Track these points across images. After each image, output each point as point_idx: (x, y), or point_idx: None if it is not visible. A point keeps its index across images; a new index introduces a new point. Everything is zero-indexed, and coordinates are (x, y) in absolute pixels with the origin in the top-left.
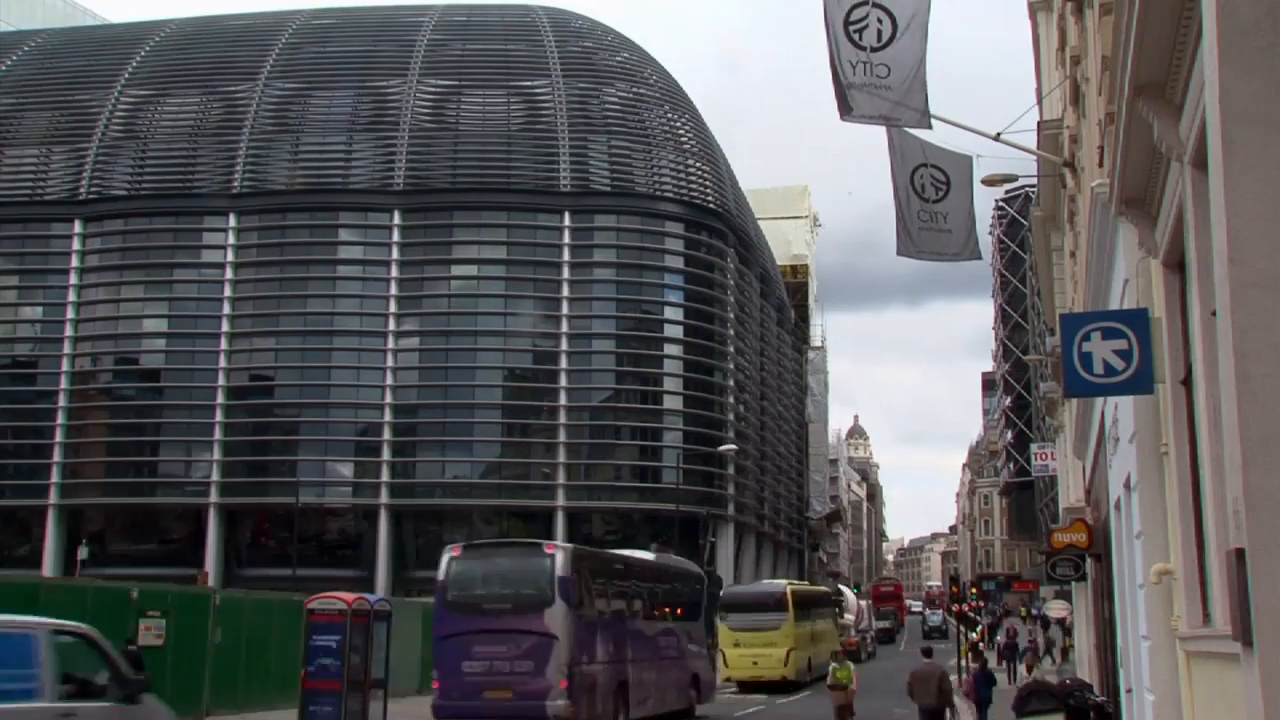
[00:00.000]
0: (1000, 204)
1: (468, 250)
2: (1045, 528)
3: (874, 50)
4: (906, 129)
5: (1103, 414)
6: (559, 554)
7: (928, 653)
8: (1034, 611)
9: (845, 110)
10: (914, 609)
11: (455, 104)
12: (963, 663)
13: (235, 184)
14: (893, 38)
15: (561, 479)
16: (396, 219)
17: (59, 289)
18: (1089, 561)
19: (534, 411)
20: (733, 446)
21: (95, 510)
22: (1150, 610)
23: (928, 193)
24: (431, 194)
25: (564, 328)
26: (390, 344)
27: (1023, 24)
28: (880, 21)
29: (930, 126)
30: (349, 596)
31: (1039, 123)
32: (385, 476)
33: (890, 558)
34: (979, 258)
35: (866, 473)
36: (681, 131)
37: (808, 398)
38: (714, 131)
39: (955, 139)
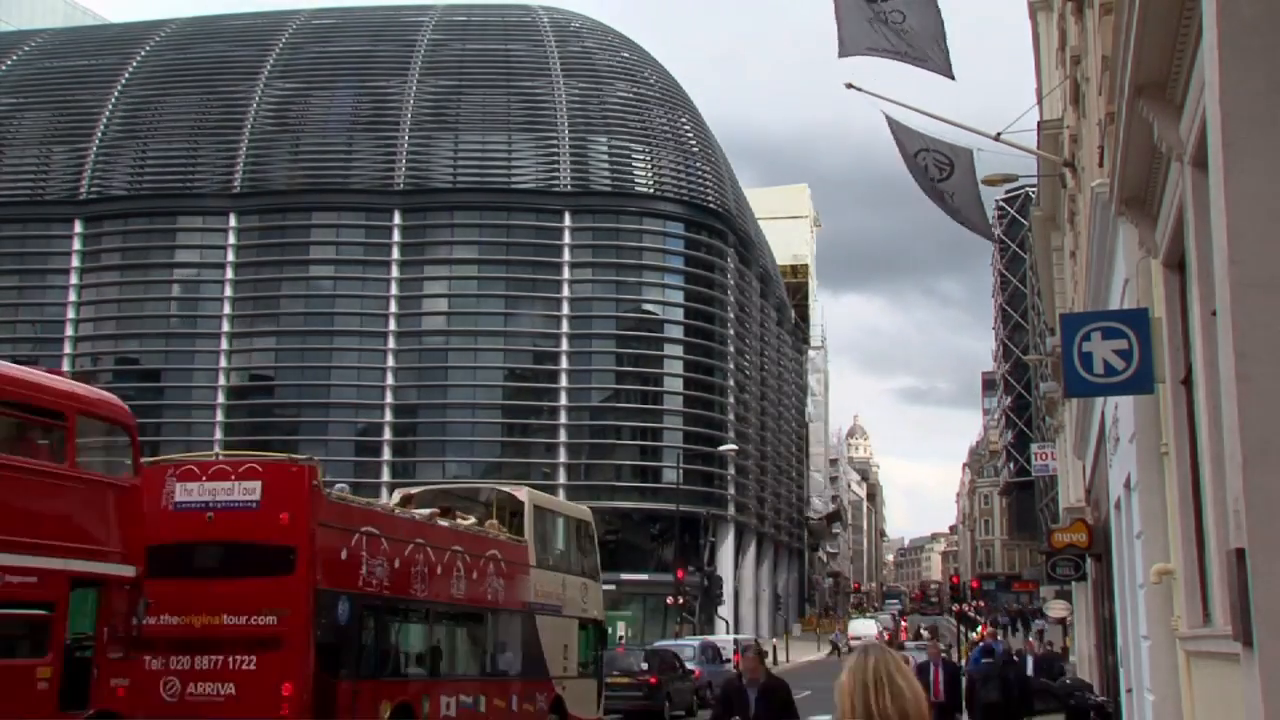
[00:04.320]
0: (1000, 204)
1: (468, 250)
2: (1045, 528)
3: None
4: (901, 123)
5: (1103, 414)
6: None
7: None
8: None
9: (848, 48)
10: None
11: (455, 104)
12: (963, 663)
13: (235, 184)
14: None
15: (561, 479)
16: (397, 219)
17: (59, 289)
18: (1089, 561)
19: (534, 411)
20: (733, 446)
21: None
22: (1150, 610)
23: (932, 173)
24: (432, 194)
25: (564, 328)
26: (390, 344)
27: (1023, 23)
28: None
29: (953, 77)
30: None
31: (1039, 123)
32: (385, 476)
33: (890, 558)
34: (992, 239)
35: (866, 473)
36: (682, 131)
37: (808, 398)
38: (714, 131)
39: (955, 139)
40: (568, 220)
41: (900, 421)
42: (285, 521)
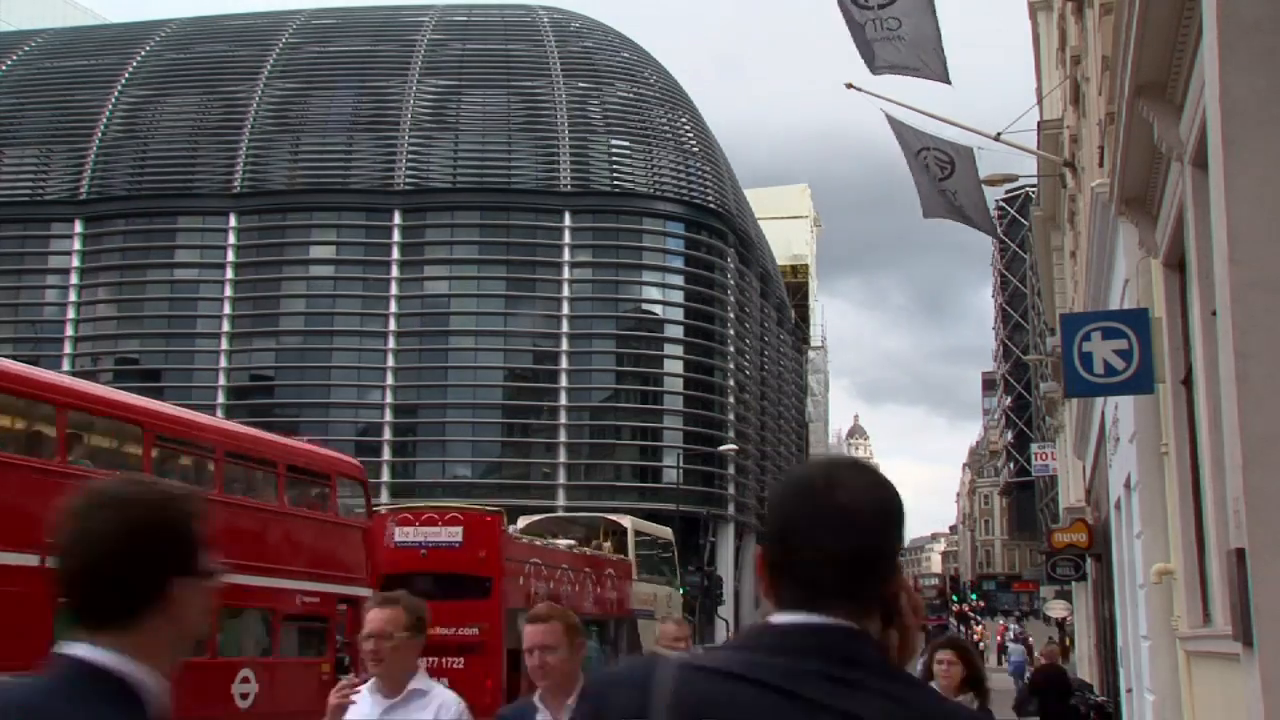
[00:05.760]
0: (1000, 204)
1: (468, 250)
2: (1045, 528)
3: (881, 7)
4: (902, 123)
5: (1103, 414)
6: None
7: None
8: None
9: (871, 62)
10: None
11: (455, 104)
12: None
13: (235, 184)
14: None
15: (561, 479)
16: (397, 219)
17: (59, 289)
18: (1089, 561)
19: (534, 411)
20: (733, 446)
21: None
22: (1150, 610)
23: (933, 171)
24: (432, 194)
25: (564, 327)
26: (390, 344)
27: (1023, 23)
28: None
29: (950, 82)
30: None
31: (1039, 123)
32: (385, 476)
33: None
34: (996, 235)
35: None
36: (682, 131)
37: (808, 398)
38: (714, 131)
39: (955, 139)
40: (567, 220)
41: (868, 421)
42: (483, 557)
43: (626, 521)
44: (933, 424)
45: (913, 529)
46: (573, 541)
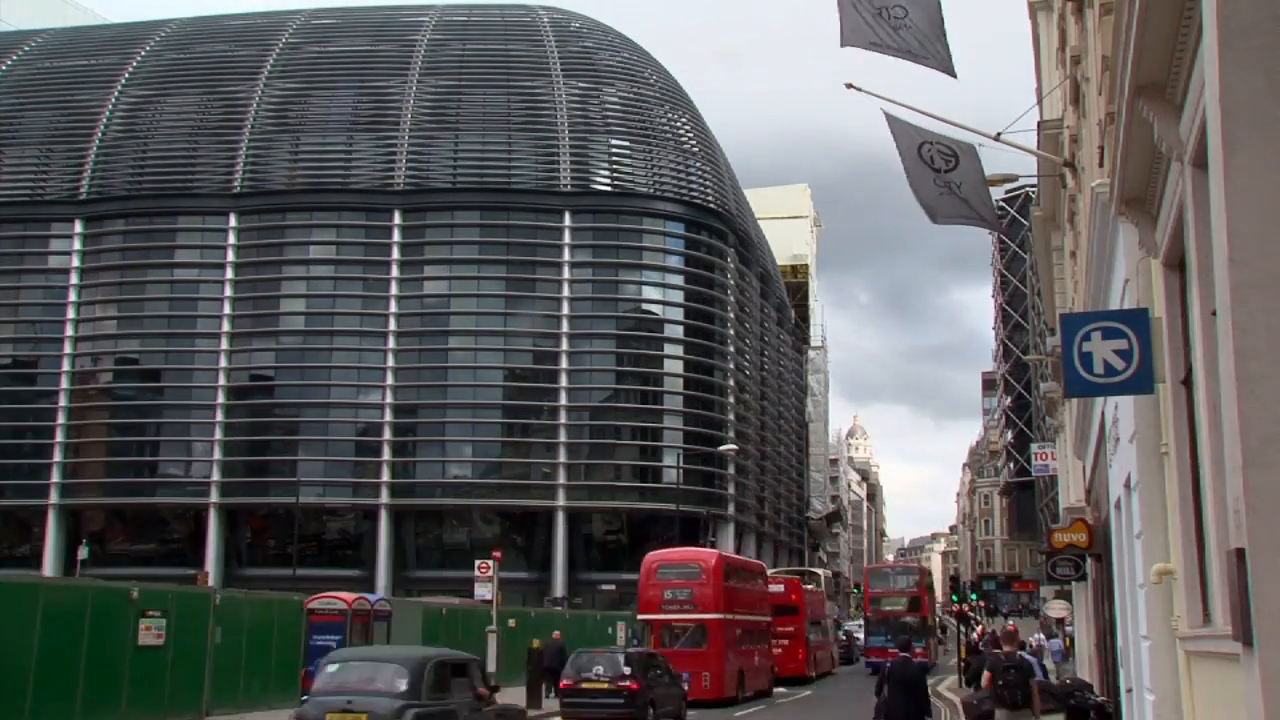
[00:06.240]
0: (1000, 204)
1: (468, 250)
2: (1045, 527)
3: None
4: (901, 120)
5: (1103, 414)
6: None
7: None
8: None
9: (849, 39)
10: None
11: (455, 104)
12: (963, 663)
13: (235, 184)
14: None
15: (561, 479)
16: (397, 219)
17: (59, 289)
18: (1089, 561)
19: (534, 411)
20: (733, 446)
21: (95, 510)
22: (1150, 610)
23: (938, 164)
24: (432, 194)
25: (564, 327)
26: (390, 344)
27: (1023, 23)
28: None
29: (954, 74)
30: (349, 596)
31: (1039, 123)
32: (385, 476)
33: (890, 557)
34: (1000, 229)
35: (866, 472)
36: (682, 131)
37: (808, 398)
38: (714, 130)
39: (956, 138)
40: (567, 220)
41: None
42: (795, 599)
43: (820, 571)
44: (919, 424)
45: (907, 529)
46: (813, 585)
